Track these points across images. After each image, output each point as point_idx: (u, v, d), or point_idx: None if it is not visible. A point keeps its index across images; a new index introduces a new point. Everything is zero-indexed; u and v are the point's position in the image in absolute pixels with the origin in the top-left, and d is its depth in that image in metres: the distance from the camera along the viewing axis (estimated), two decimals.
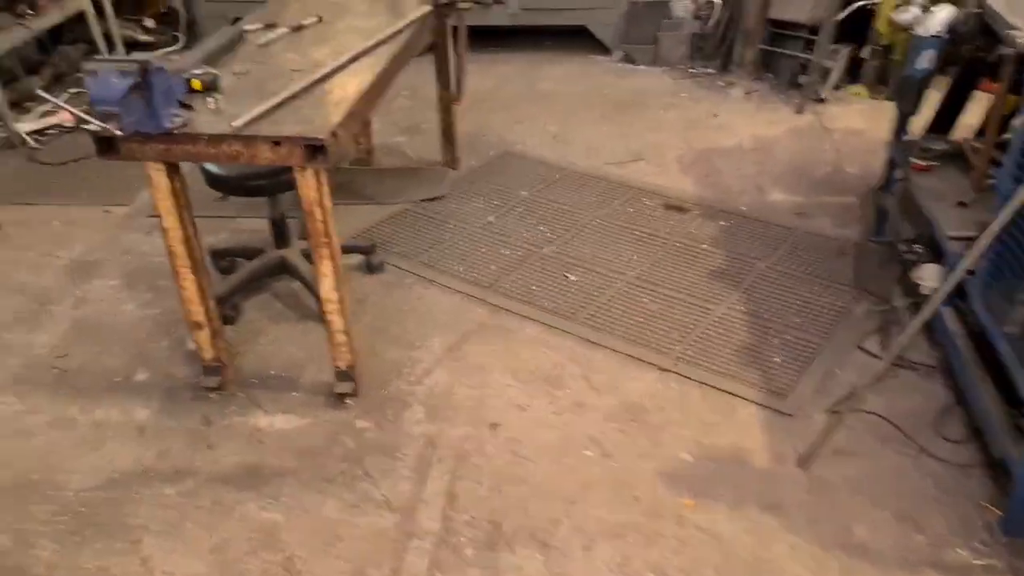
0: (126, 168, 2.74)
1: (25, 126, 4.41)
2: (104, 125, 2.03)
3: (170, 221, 2.38)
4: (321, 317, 2.53)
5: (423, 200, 3.77)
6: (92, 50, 5.32)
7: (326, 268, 2.40)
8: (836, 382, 2.63)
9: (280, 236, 3.12)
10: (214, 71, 2.43)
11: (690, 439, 2.44)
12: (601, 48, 5.47)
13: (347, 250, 3.27)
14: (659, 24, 5.19)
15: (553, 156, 4.16)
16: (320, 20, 2.99)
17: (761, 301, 3.01)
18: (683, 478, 2.31)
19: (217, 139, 2.18)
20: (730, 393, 2.59)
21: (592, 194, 3.78)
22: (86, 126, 2.08)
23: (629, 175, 3.95)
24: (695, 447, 2.41)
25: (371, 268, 3.26)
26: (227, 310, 2.99)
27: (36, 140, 4.42)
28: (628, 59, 5.33)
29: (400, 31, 2.88)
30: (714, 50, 5.13)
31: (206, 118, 2.24)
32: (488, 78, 5.11)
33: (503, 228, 3.53)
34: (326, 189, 2.28)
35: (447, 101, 3.87)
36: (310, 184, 2.25)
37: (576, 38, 5.55)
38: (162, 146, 2.21)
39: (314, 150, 2.17)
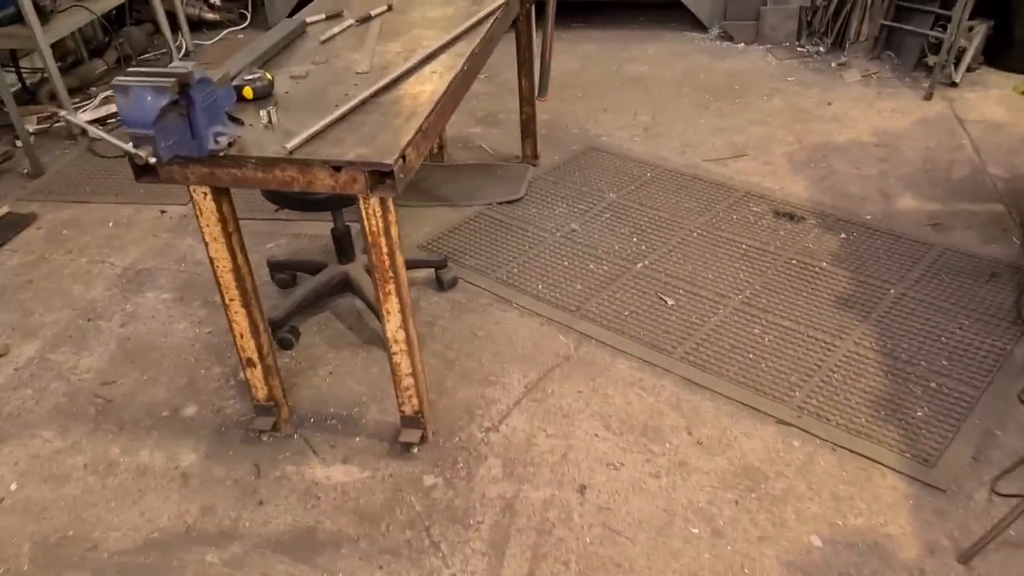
0: None
1: (85, 115, 4.20)
2: (135, 152, 1.72)
3: (217, 250, 2.08)
4: (387, 354, 2.21)
5: (500, 203, 3.40)
6: (156, 30, 5.10)
7: (392, 305, 2.07)
8: (997, 445, 2.18)
9: (343, 250, 2.81)
10: (268, 75, 2.10)
11: (819, 517, 2.03)
12: (696, 24, 4.97)
13: (415, 264, 2.94)
14: None
15: (644, 151, 3.74)
16: (390, 8, 2.63)
17: (896, 336, 2.56)
18: (813, 570, 1.91)
19: (268, 163, 1.85)
20: (865, 456, 2.17)
21: (690, 197, 3.36)
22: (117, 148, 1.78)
23: (731, 175, 3.51)
24: (826, 528, 2.01)
25: (442, 285, 2.92)
26: (284, 333, 2.70)
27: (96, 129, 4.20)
28: (727, 37, 4.82)
29: (480, 22, 2.50)
30: (826, 26, 4.59)
31: (256, 136, 1.92)
32: (571, 58, 4.69)
33: (589, 238, 3.14)
34: (393, 217, 1.94)
35: (528, 94, 3.48)
36: (375, 214, 1.91)
37: (668, 13, 5.07)
38: (206, 170, 1.89)
39: (380, 176, 1.83)
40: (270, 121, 1.97)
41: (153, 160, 1.74)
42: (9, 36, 3.95)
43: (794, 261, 2.93)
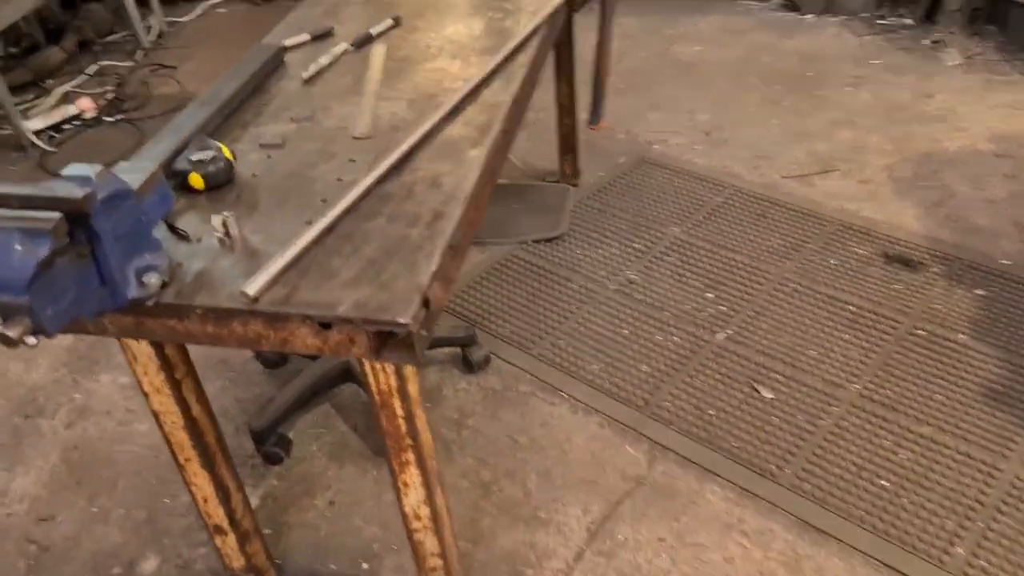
0: None
1: (33, 123, 3.53)
2: (4, 333, 1.08)
3: (162, 403, 1.46)
4: (405, 528, 1.60)
5: (536, 240, 2.76)
6: (120, 6, 4.38)
7: (412, 477, 1.46)
8: None
9: None
10: (225, 151, 1.45)
11: None
12: None
13: (437, 343, 2.32)
14: None
15: (708, 164, 3.06)
16: (396, 24, 1.95)
17: None
18: None
19: (222, 316, 1.21)
20: None
21: (772, 232, 2.70)
22: None
23: (820, 198, 2.84)
24: None
25: (471, 366, 2.30)
26: (271, 447, 2.10)
27: (49, 139, 3.54)
28: (791, 6, 4.08)
29: (521, 47, 1.82)
30: None
31: (208, 262, 1.28)
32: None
33: (652, 293, 2.50)
34: (412, 372, 1.32)
35: (568, 103, 2.80)
36: (383, 373, 1.29)
37: None
38: (130, 319, 1.26)
39: (389, 337, 1.19)
40: (227, 234, 1.33)
41: (33, 342, 1.10)
42: None
43: (921, 332, 2.29)
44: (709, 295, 2.48)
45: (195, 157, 1.43)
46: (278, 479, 2.07)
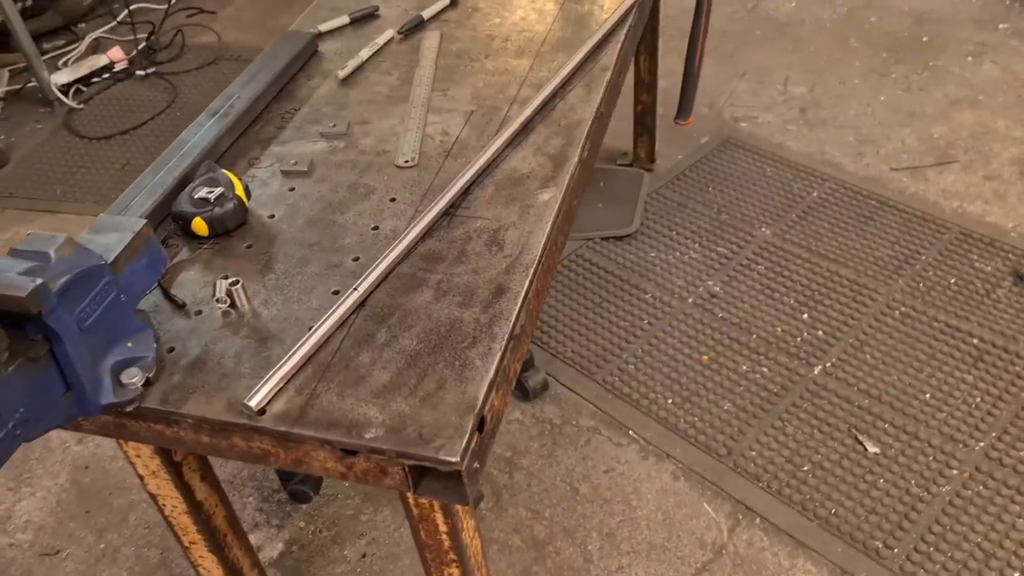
0: None
1: (60, 76, 3.27)
2: None
3: (160, 487, 1.22)
4: None
5: (604, 238, 2.43)
6: None
7: None
8: None
9: None
10: (236, 184, 1.16)
11: None
12: None
13: None
14: None
15: (804, 149, 2.68)
16: (453, 4, 1.60)
17: None
18: None
19: (220, 429, 0.95)
20: None
21: (879, 238, 2.33)
22: None
23: (936, 197, 2.45)
24: None
25: (526, 392, 2.02)
26: (296, 484, 1.86)
27: (76, 92, 3.28)
28: None
29: (605, 39, 1.46)
30: None
31: (206, 344, 1.00)
32: None
33: (737, 310, 2.17)
34: (469, 522, 1.04)
35: (648, 78, 2.43)
36: (432, 522, 1.02)
37: None
38: (110, 419, 1.00)
39: (431, 474, 0.92)
40: (232, 304, 1.04)
41: None
42: None
43: None
44: (804, 316, 2.14)
45: (200, 195, 1.14)
46: (305, 520, 1.84)
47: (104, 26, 3.69)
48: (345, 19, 1.57)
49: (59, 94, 3.19)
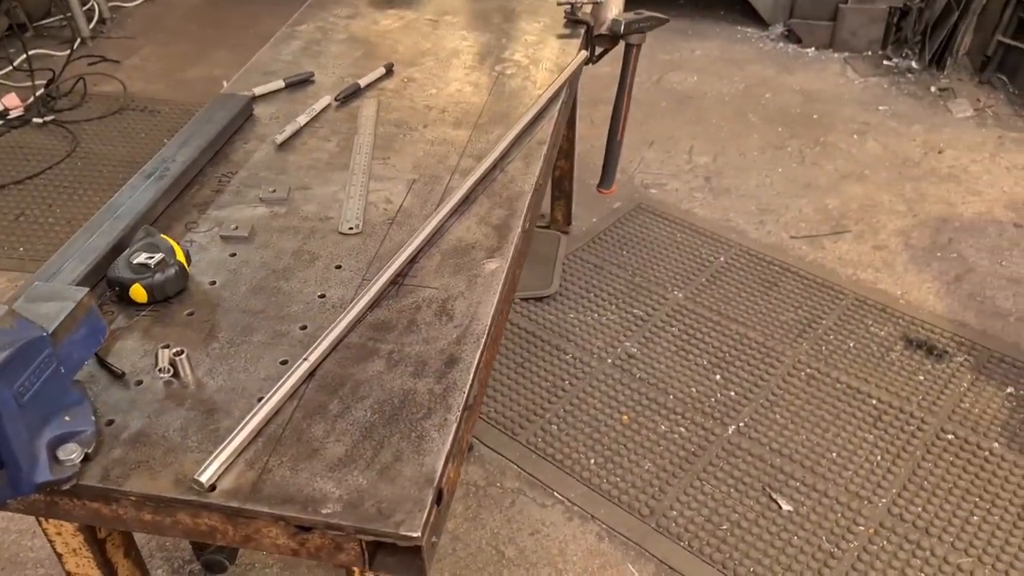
0: (99, 202, 1.49)
1: None
2: None
3: (79, 564, 1.15)
4: None
5: (524, 298, 2.47)
6: None
7: None
8: None
9: None
10: (176, 249, 1.13)
11: None
12: (753, 17, 3.98)
13: None
14: None
15: (709, 215, 2.82)
16: (388, 73, 1.63)
17: None
18: None
19: (164, 506, 0.91)
20: None
21: (783, 302, 2.46)
22: None
23: (832, 264, 2.61)
24: None
25: None
26: (212, 553, 1.78)
27: None
28: (792, 38, 3.85)
29: (540, 114, 1.52)
30: (921, 36, 3.64)
31: (146, 418, 0.96)
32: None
33: (654, 371, 2.24)
34: None
35: (567, 145, 2.51)
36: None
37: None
38: (40, 497, 0.95)
39: (387, 549, 0.91)
40: (175, 374, 1.01)
41: None
42: None
43: (950, 436, 2.07)
44: (717, 377, 2.23)
45: (139, 260, 1.10)
46: None
47: None
48: (280, 83, 1.57)
49: None
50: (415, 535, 0.86)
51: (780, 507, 1.91)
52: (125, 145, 3.13)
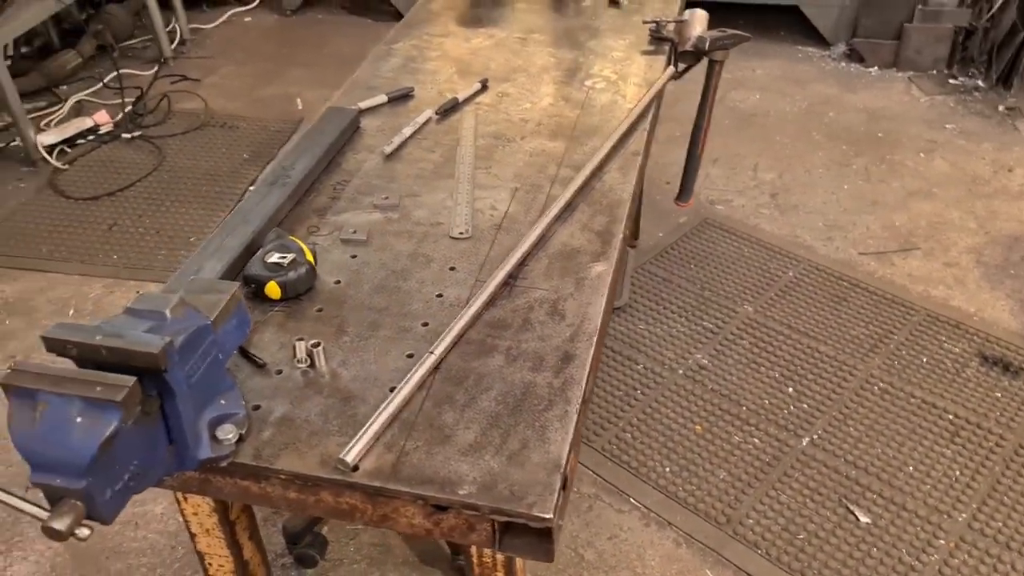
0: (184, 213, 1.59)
1: (46, 137, 3.26)
2: (49, 525, 0.84)
3: (210, 545, 1.23)
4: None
5: None
6: (144, 7, 4.09)
7: None
8: None
9: None
10: (306, 251, 1.21)
11: None
12: (814, 36, 4.01)
13: None
14: (909, 11, 3.70)
15: (777, 232, 2.84)
16: (484, 88, 1.71)
17: None
18: None
19: (311, 485, 0.98)
20: None
21: (854, 317, 2.48)
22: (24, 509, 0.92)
23: (903, 280, 2.62)
24: None
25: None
26: (303, 548, 1.85)
27: (61, 153, 3.28)
28: (855, 57, 3.87)
29: (633, 126, 1.58)
30: (987, 55, 3.64)
31: (290, 402, 1.04)
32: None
33: (726, 382, 2.27)
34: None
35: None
36: (492, 561, 1.06)
37: (778, 17, 4.10)
38: (196, 475, 1.02)
39: (514, 531, 0.96)
40: (312, 365, 1.09)
41: (86, 533, 0.86)
42: None
43: None
44: (790, 390, 2.25)
45: (273, 259, 1.19)
46: None
47: (86, 89, 3.71)
48: (383, 98, 1.65)
49: (44, 154, 3.18)
50: (548, 516, 0.91)
51: (858, 519, 1.93)
52: (207, 159, 3.26)
